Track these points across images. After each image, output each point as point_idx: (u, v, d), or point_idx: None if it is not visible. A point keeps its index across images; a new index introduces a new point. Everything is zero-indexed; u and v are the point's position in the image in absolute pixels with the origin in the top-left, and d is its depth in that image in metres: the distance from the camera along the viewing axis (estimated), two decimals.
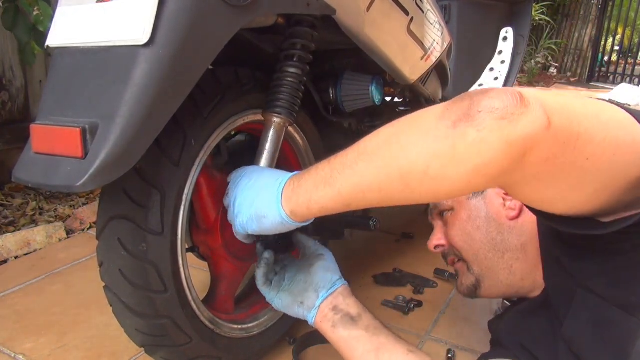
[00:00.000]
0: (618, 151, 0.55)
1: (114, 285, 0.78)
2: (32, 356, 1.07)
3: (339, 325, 0.80)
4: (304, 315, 0.84)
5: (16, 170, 0.66)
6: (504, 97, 0.50)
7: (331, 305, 0.82)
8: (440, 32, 1.24)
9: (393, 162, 0.57)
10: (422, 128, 0.56)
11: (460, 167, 0.53)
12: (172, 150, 0.76)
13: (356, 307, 0.82)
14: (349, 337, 0.79)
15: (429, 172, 0.54)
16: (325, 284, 0.84)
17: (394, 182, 0.58)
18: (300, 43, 0.86)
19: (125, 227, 0.75)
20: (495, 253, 0.90)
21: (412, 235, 1.69)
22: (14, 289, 1.33)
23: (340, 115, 1.14)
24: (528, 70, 6.80)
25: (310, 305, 0.83)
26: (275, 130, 0.89)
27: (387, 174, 0.58)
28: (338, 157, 0.65)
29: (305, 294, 0.83)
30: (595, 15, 7.39)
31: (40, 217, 1.79)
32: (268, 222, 0.72)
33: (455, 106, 0.53)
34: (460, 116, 0.52)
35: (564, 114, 0.52)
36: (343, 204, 0.64)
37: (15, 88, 2.02)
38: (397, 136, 0.58)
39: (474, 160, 0.52)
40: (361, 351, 0.78)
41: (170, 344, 0.82)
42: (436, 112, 0.55)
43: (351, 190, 0.62)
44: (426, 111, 0.58)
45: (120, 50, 0.62)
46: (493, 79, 2.02)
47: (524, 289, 0.91)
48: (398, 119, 0.61)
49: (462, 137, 0.51)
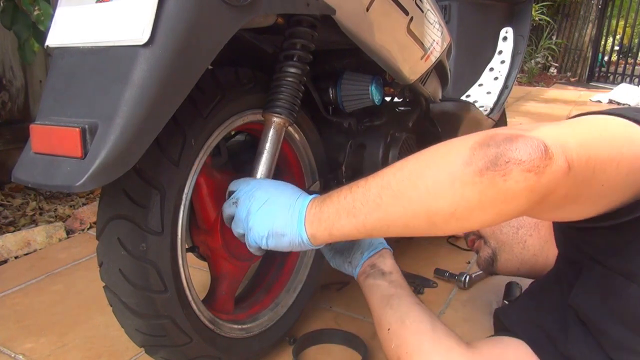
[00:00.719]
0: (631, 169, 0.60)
1: (114, 285, 0.78)
2: (32, 356, 1.07)
3: (370, 277, 0.95)
4: (351, 272, 1.00)
5: (16, 170, 0.66)
6: (530, 151, 0.54)
7: (371, 263, 0.98)
8: (439, 32, 1.25)
9: (420, 204, 0.60)
10: (448, 171, 0.58)
11: (487, 211, 0.57)
12: (172, 150, 0.76)
13: (390, 266, 0.97)
14: (374, 284, 0.94)
15: (456, 214, 0.58)
16: (369, 247, 0.99)
17: (421, 220, 0.61)
18: (300, 43, 0.86)
19: (125, 227, 0.75)
20: (510, 229, 1.06)
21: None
22: (14, 289, 1.33)
23: (340, 115, 1.14)
24: (528, 70, 6.81)
25: (355, 263, 0.99)
26: (275, 131, 0.89)
27: (413, 213, 0.61)
28: (360, 188, 0.67)
29: (354, 255, 1.00)
30: (595, 15, 7.39)
31: (40, 217, 1.79)
32: (286, 241, 0.75)
33: (482, 152, 0.56)
34: (488, 164, 0.55)
35: (581, 153, 0.56)
36: (366, 233, 0.68)
37: (15, 88, 2.02)
38: (422, 177, 0.60)
39: (499, 205, 0.56)
40: (378, 295, 0.92)
41: (170, 344, 0.82)
42: (463, 156, 0.57)
43: (375, 224, 0.66)
44: (450, 151, 0.60)
45: (120, 50, 0.62)
46: (493, 79, 2.02)
47: (537, 266, 1.02)
48: (421, 152, 0.63)
49: (489, 185, 0.55)
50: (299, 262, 1.14)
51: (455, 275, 1.40)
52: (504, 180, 0.54)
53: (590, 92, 6.27)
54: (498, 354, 0.83)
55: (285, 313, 1.08)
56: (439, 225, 0.61)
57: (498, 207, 0.56)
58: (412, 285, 1.36)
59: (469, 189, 0.56)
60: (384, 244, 1.02)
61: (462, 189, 0.56)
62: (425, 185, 0.60)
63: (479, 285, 1.42)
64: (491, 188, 0.55)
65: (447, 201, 0.58)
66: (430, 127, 1.42)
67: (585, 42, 7.51)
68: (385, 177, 0.65)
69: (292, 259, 1.14)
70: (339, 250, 1.03)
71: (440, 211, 0.59)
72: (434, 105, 1.43)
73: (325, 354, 1.10)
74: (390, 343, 0.85)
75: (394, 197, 0.63)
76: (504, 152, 0.54)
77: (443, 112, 1.49)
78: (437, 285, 1.39)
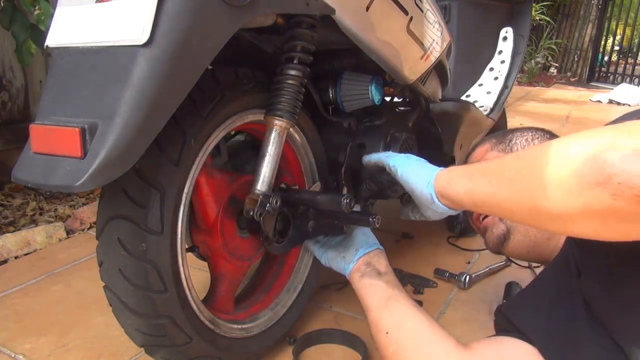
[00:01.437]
0: None
1: (114, 285, 0.78)
2: (32, 356, 1.07)
3: (366, 276, 0.94)
4: (343, 267, 0.99)
5: (16, 170, 0.66)
6: None
7: (366, 261, 0.97)
8: (439, 32, 1.24)
9: (528, 199, 0.63)
10: (556, 177, 0.59)
11: (589, 223, 0.58)
12: (171, 150, 0.76)
13: (385, 267, 0.96)
14: (370, 284, 0.93)
15: (561, 218, 0.60)
16: (364, 245, 0.99)
17: (524, 212, 0.65)
18: (300, 45, 0.86)
19: (125, 227, 0.75)
20: None
21: (412, 235, 1.69)
22: (14, 289, 1.33)
23: (340, 115, 1.14)
24: (528, 70, 6.81)
25: (350, 259, 0.98)
26: (278, 133, 0.89)
27: (520, 202, 0.65)
28: (484, 161, 0.75)
29: (348, 251, 1.00)
30: (595, 15, 7.39)
31: (40, 217, 1.79)
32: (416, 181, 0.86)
33: (595, 167, 0.55)
34: (599, 181, 0.54)
35: None
36: (471, 202, 0.75)
37: (15, 88, 2.02)
38: (534, 171, 0.62)
39: (604, 221, 0.57)
40: (376, 297, 0.91)
41: (170, 344, 0.82)
42: (571, 167, 0.57)
43: (483, 196, 0.71)
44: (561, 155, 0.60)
45: (120, 50, 0.62)
46: (493, 79, 2.01)
47: (547, 251, 0.99)
48: (544, 144, 0.64)
49: (596, 200, 0.55)
50: (299, 262, 1.14)
51: (455, 275, 1.40)
52: (613, 199, 0.54)
53: (590, 92, 6.27)
54: (496, 355, 0.83)
55: (285, 313, 1.08)
56: (541, 221, 0.64)
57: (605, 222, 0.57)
58: (412, 285, 1.37)
59: (575, 198, 0.57)
60: (377, 244, 1.01)
61: (567, 197, 0.57)
62: (534, 181, 0.61)
63: (479, 285, 1.42)
64: (598, 203, 0.55)
65: (556, 204, 0.59)
66: (430, 127, 1.42)
67: (585, 42, 7.51)
68: (507, 158, 0.70)
69: (292, 259, 1.14)
70: (332, 246, 1.03)
71: (544, 210, 0.61)
72: (434, 105, 1.43)
73: (325, 354, 1.10)
74: (389, 346, 0.85)
75: (509, 180, 0.67)
76: (619, 173, 0.53)
77: (443, 112, 1.49)
78: (437, 285, 1.39)
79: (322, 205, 0.94)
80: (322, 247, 1.05)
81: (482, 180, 0.71)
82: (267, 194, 0.88)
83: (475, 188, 0.72)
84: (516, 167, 0.67)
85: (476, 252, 1.61)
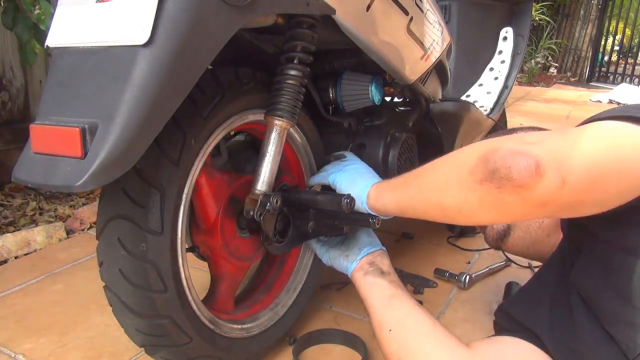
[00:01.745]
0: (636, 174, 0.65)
1: (114, 285, 0.78)
2: (32, 356, 1.07)
3: (369, 274, 0.96)
4: (346, 266, 0.99)
5: (16, 170, 0.66)
6: (521, 169, 0.62)
7: (369, 260, 0.98)
8: (439, 32, 1.25)
9: (435, 198, 0.74)
10: (457, 175, 0.70)
11: (487, 213, 0.68)
12: (171, 150, 0.76)
13: (388, 267, 0.98)
14: (373, 283, 0.94)
15: (462, 211, 0.70)
16: (368, 245, 1.01)
17: (436, 211, 0.76)
18: (301, 45, 0.86)
19: (125, 227, 0.75)
20: None
21: (412, 235, 1.69)
22: (14, 289, 1.33)
23: (340, 115, 1.14)
24: (528, 70, 6.81)
25: (353, 258, 0.99)
26: (278, 133, 0.89)
27: (430, 204, 0.76)
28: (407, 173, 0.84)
29: (351, 250, 1.01)
30: (595, 15, 7.39)
31: (40, 217, 1.79)
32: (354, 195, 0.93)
33: (483, 165, 0.65)
34: (487, 176, 0.65)
35: (581, 166, 0.63)
36: (399, 210, 0.85)
37: (15, 88, 2.02)
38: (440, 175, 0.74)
39: (497, 210, 0.67)
40: (378, 295, 0.92)
41: (170, 344, 0.82)
42: (469, 165, 0.68)
43: (405, 205, 0.82)
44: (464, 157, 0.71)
45: (120, 50, 0.62)
46: (493, 79, 2.01)
47: (547, 247, 1.02)
48: (448, 154, 0.76)
49: (487, 193, 0.65)
50: (299, 262, 1.14)
51: (455, 275, 1.40)
52: (499, 192, 0.64)
53: (590, 92, 6.27)
54: (497, 354, 0.83)
55: (285, 313, 1.08)
56: (451, 217, 0.74)
57: (497, 211, 0.67)
58: (412, 285, 1.37)
59: (471, 193, 0.67)
60: (381, 245, 1.02)
61: (467, 192, 0.68)
62: (440, 185, 0.73)
63: (479, 285, 1.42)
64: (488, 195, 0.65)
65: (454, 200, 0.70)
66: (430, 127, 1.42)
67: (585, 42, 7.51)
68: (422, 167, 0.79)
69: (292, 259, 1.14)
70: (335, 245, 1.03)
71: (449, 207, 0.71)
72: (434, 105, 1.43)
73: (325, 354, 1.10)
74: (391, 344, 0.85)
75: (423, 185, 0.78)
76: (499, 168, 0.63)
77: (443, 112, 1.49)
78: (437, 285, 1.39)
79: (322, 205, 0.93)
80: (324, 245, 1.05)
81: (403, 191, 0.83)
82: (267, 193, 0.88)
83: (400, 199, 0.83)
84: (427, 173, 0.78)
85: (476, 252, 1.61)
